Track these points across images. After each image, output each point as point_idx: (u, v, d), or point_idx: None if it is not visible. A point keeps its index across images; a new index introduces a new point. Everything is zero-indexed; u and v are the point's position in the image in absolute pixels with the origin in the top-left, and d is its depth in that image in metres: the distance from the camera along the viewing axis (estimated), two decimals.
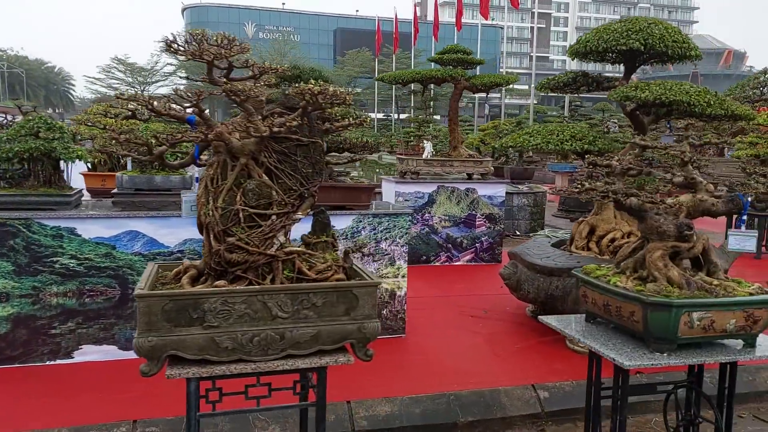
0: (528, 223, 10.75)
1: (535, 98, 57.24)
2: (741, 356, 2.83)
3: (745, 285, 2.96)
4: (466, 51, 7.86)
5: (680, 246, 2.92)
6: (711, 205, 3.02)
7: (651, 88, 4.58)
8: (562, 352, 4.94)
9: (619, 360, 2.71)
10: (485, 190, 8.11)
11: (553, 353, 4.91)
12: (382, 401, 4.03)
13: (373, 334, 2.38)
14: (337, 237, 2.73)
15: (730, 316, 2.79)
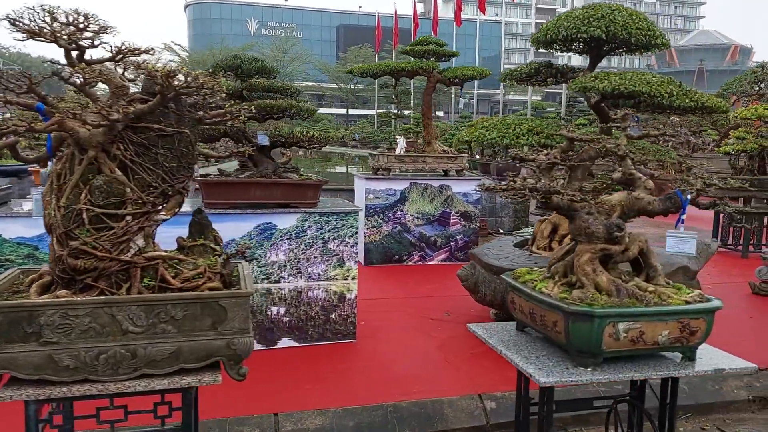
0: (512, 221, 10.46)
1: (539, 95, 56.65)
2: (675, 371, 2.55)
3: (685, 292, 2.68)
4: (438, 43, 7.57)
5: (610, 248, 2.64)
6: (647, 204, 2.74)
7: (610, 79, 4.30)
8: None
9: (535, 376, 2.43)
10: (460, 187, 7.83)
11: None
12: (313, 413, 3.77)
13: (245, 351, 2.11)
14: (221, 239, 2.46)
15: (662, 327, 2.51)
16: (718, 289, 6.88)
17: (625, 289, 2.57)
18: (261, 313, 4.67)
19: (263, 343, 4.71)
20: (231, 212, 4.51)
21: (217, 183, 4.51)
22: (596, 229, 2.64)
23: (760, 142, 8.33)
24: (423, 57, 7.47)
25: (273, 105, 4.46)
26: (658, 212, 2.75)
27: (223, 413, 3.74)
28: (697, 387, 4.39)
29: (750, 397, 4.40)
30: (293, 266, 4.70)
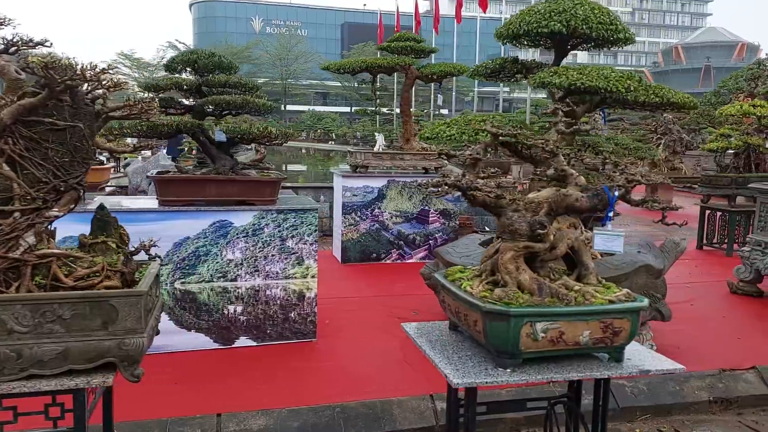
0: None
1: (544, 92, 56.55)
2: (598, 372, 2.48)
3: (612, 291, 2.61)
4: (416, 39, 7.50)
5: (534, 246, 2.57)
6: (575, 201, 2.67)
7: (568, 74, 4.22)
8: None
9: (450, 377, 2.37)
10: None
11: None
12: (258, 414, 3.72)
13: (138, 351, 2.06)
14: (128, 237, 2.41)
15: (583, 327, 2.44)
16: (696, 288, 6.79)
17: (548, 287, 2.50)
18: (217, 312, 4.63)
19: (220, 342, 4.66)
20: (185, 210, 4.46)
21: (170, 180, 4.46)
22: (519, 226, 2.57)
23: (745, 139, 8.22)
24: (401, 53, 7.41)
25: (228, 101, 4.41)
26: (586, 209, 2.67)
27: (168, 413, 3.69)
28: (657, 387, 4.31)
29: (711, 398, 4.32)
30: (250, 264, 4.65)
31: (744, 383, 4.45)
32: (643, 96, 4.72)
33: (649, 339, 4.77)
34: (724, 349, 4.91)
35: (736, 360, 4.69)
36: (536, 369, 2.45)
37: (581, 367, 2.49)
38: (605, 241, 2.69)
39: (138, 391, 3.97)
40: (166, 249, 4.48)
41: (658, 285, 4.71)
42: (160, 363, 4.38)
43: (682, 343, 5.04)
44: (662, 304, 4.60)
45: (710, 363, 4.63)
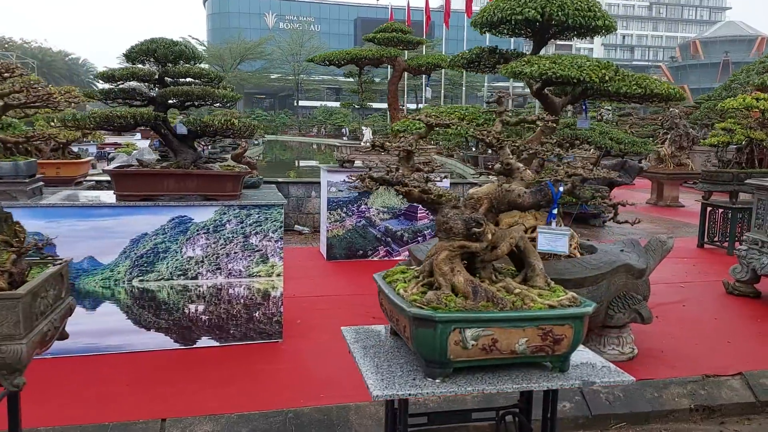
0: None
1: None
2: (536, 384, 2.26)
3: (556, 295, 2.40)
4: (403, 29, 7.28)
5: (470, 246, 2.36)
6: (517, 197, 2.46)
7: (540, 63, 4.00)
8: None
9: (371, 388, 2.17)
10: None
11: None
12: (205, 419, 3.54)
13: (15, 359, 1.89)
14: (24, 233, 2.24)
15: (519, 335, 2.23)
16: (691, 288, 6.52)
17: (484, 290, 2.29)
18: (178, 311, 4.47)
19: (181, 343, 4.50)
20: (142, 205, 4.30)
21: (126, 174, 4.30)
22: (454, 224, 2.37)
23: (747, 133, 7.91)
24: (388, 44, 7.20)
25: (187, 92, 4.24)
26: (529, 205, 2.46)
27: (115, 416, 3.54)
28: (634, 394, 4.08)
29: (692, 406, 4.08)
30: (212, 262, 4.48)
31: (728, 390, 4.21)
32: (624, 87, 4.48)
33: (629, 342, 4.54)
34: (712, 354, 4.66)
35: (723, 365, 4.45)
36: (468, 380, 2.25)
37: (519, 377, 2.29)
38: (550, 241, 2.47)
39: (87, 393, 3.84)
40: (122, 245, 4.33)
41: (639, 286, 4.47)
42: (115, 363, 4.24)
43: (667, 346, 4.80)
44: (643, 306, 4.36)
45: (695, 368, 4.39)
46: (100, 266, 4.32)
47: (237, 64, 60.96)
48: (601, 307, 4.26)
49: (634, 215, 11.86)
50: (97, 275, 4.32)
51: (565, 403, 3.94)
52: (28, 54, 66.07)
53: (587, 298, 4.15)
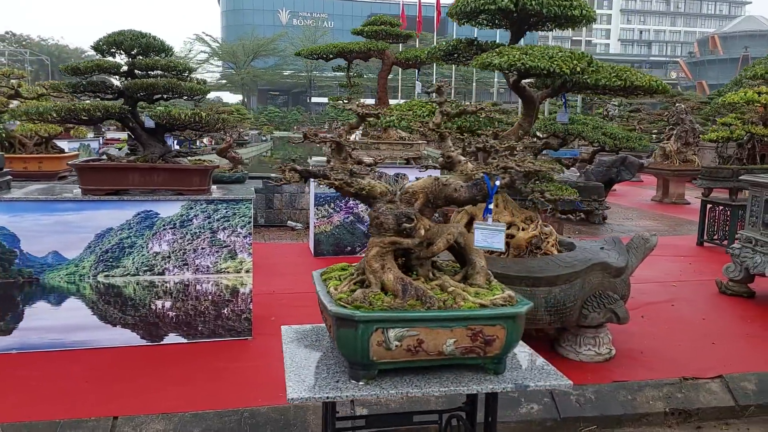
0: None
1: None
2: (464, 387, 2.15)
3: (491, 294, 2.28)
4: (391, 23, 7.16)
5: (401, 242, 2.26)
6: (453, 191, 2.34)
7: (511, 54, 3.87)
8: None
9: (288, 390, 2.08)
10: (417, 175, 7.41)
11: None
12: (158, 417, 3.47)
13: None
14: None
15: (447, 335, 2.12)
16: (683, 287, 6.35)
17: (414, 289, 2.18)
18: (144, 307, 4.40)
19: (148, 339, 4.44)
20: (107, 199, 4.24)
21: (91, 168, 4.24)
22: (386, 219, 2.26)
23: (748, 128, 7.69)
24: (376, 38, 7.08)
25: (152, 84, 4.16)
26: (465, 200, 2.35)
27: (70, 413, 3.48)
28: (607, 397, 3.95)
29: (667, 410, 3.93)
30: (179, 257, 4.41)
31: (707, 393, 4.06)
32: (604, 79, 4.33)
33: (606, 343, 4.40)
34: (693, 356, 4.51)
35: (703, 367, 4.29)
36: (394, 382, 2.14)
37: (449, 380, 2.17)
38: (487, 237, 2.36)
39: (44, 389, 3.78)
40: (87, 240, 4.27)
41: (617, 285, 4.33)
42: (78, 359, 4.18)
43: (648, 347, 4.65)
44: (619, 306, 4.21)
45: (674, 370, 4.24)
46: (64, 261, 4.27)
47: (250, 60, 61.15)
48: (575, 306, 4.13)
49: (636, 212, 11.65)
50: (62, 270, 4.27)
51: (533, 405, 3.82)
52: (44, 51, 66.69)
53: (560, 297, 4.06)
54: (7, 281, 4.19)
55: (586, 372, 4.18)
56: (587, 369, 4.23)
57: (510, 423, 3.73)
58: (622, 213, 11.87)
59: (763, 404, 4.04)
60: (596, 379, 4.09)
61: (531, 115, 4.65)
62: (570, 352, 4.40)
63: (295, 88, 67.78)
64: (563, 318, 4.12)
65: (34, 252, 4.21)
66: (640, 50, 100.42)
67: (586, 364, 4.29)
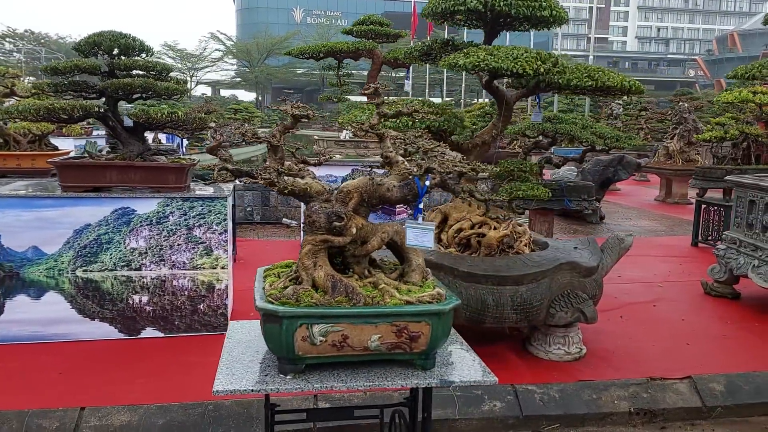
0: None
1: None
2: (389, 382, 2.20)
3: (421, 291, 2.33)
4: (380, 22, 7.21)
5: (332, 240, 2.31)
6: (386, 190, 2.39)
7: (476, 54, 3.91)
8: None
9: (217, 382, 2.15)
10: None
11: None
12: (123, 409, 3.56)
13: None
14: None
15: (371, 331, 2.17)
16: (668, 288, 6.34)
17: (343, 286, 2.24)
18: (122, 301, 4.50)
19: (125, 333, 4.54)
20: (85, 196, 4.34)
21: (70, 165, 4.34)
22: (317, 218, 2.31)
23: (742, 128, 7.64)
24: (366, 37, 7.13)
25: (128, 83, 4.25)
26: (397, 200, 2.40)
27: (39, 404, 3.58)
28: (571, 395, 3.98)
29: (632, 410, 3.95)
30: (155, 253, 4.50)
31: (673, 394, 4.07)
32: (575, 79, 4.34)
33: (576, 342, 4.42)
34: (665, 356, 4.52)
35: (673, 368, 4.30)
36: (321, 376, 2.20)
37: (375, 375, 2.23)
38: (417, 236, 2.40)
39: (17, 380, 3.89)
40: (66, 236, 4.37)
41: (587, 285, 4.35)
42: (56, 352, 4.29)
43: (620, 347, 4.66)
44: (587, 305, 4.23)
45: (642, 370, 4.26)
46: (44, 256, 4.37)
47: (264, 59, 61.40)
48: (542, 306, 4.15)
49: (636, 212, 11.55)
50: (42, 265, 4.38)
51: (496, 403, 3.86)
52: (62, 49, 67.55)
53: (527, 296, 4.10)
54: None
55: (554, 371, 4.21)
56: (555, 368, 4.26)
57: (472, 420, 3.78)
58: (623, 212, 11.83)
59: (730, 405, 4.05)
60: (563, 378, 4.12)
61: (504, 115, 4.68)
62: (540, 351, 4.43)
63: (308, 86, 67.96)
64: (530, 317, 4.15)
65: (14, 247, 4.32)
66: (658, 48, 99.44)
67: (555, 363, 4.32)
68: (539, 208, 7.32)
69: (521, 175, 4.87)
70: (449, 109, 4.56)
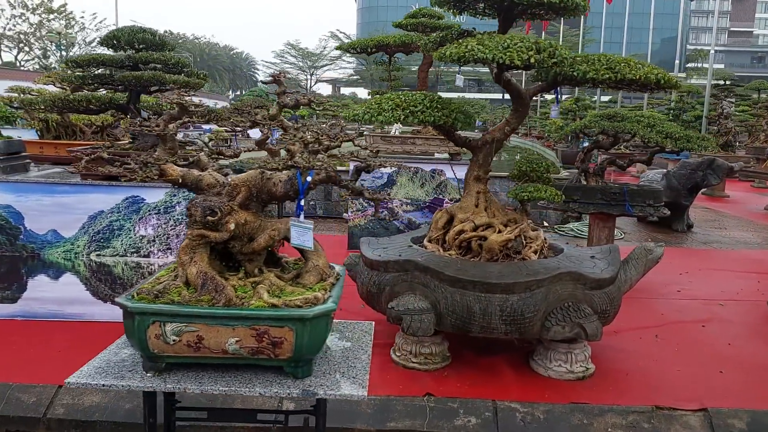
0: (561, 214, 9.48)
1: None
2: (245, 389, 2.08)
3: (304, 293, 2.18)
4: (431, 14, 6.96)
5: (208, 235, 2.22)
6: (273, 185, 2.27)
7: (466, 44, 3.66)
8: (388, 362, 4.17)
9: (74, 374, 2.14)
10: (455, 172, 7.21)
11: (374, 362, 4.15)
12: (97, 391, 3.68)
13: None
14: None
15: (229, 334, 2.07)
16: (733, 308, 5.64)
17: (214, 284, 2.15)
18: (132, 287, 4.66)
19: None
20: (99, 184, 4.55)
21: (88, 155, 4.56)
22: (195, 211, 2.24)
23: None
24: (417, 30, 6.93)
25: (137, 77, 4.40)
26: (282, 195, 2.27)
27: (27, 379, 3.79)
28: (559, 419, 3.62)
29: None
30: (162, 241, 4.63)
31: (681, 427, 3.59)
32: (591, 72, 3.93)
33: (582, 360, 4.03)
34: (689, 383, 4.00)
35: (692, 397, 3.81)
36: (179, 377, 2.14)
37: (235, 380, 2.12)
38: (300, 235, 2.24)
39: (18, 354, 4.14)
40: (82, 221, 4.61)
41: (594, 297, 3.94)
42: (65, 330, 4.52)
43: (639, 368, 4.20)
44: (589, 321, 3.83)
45: (652, 397, 3.80)
46: (62, 239, 4.64)
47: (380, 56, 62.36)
48: (535, 317, 3.82)
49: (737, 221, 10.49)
50: (60, 247, 4.64)
51: (471, 418, 3.60)
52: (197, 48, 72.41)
53: (518, 306, 3.80)
54: (14, 255, 4.63)
55: (548, 389, 3.86)
56: (552, 386, 3.90)
57: None
58: (721, 221, 10.75)
59: None
60: (556, 398, 3.77)
61: (519, 110, 4.35)
62: (540, 366, 4.09)
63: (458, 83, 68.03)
64: (522, 329, 3.83)
65: (36, 229, 4.61)
66: None
67: (553, 381, 3.97)
68: (598, 212, 6.78)
69: (538, 176, 4.50)
70: (455, 104, 4.30)
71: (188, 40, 73.53)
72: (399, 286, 4.08)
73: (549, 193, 4.22)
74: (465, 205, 4.44)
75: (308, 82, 69.61)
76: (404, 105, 4.08)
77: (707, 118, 16.47)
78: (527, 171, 4.50)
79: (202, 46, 74.73)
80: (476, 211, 4.39)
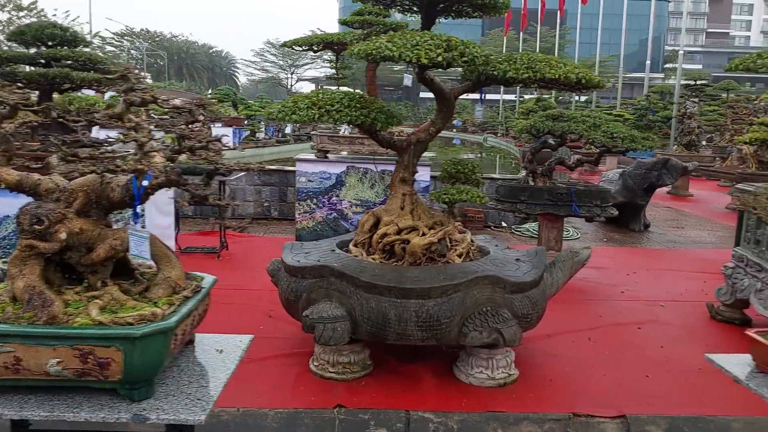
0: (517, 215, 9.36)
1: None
2: (71, 414, 1.90)
3: (142, 309, 2.01)
4: (377, 13, 6.80)
5: (37, 245, 2.04)
6: (111, 190, 2.09)
7: (378, 42, 3.51)
8: (306, 373, 4.01)
9: None
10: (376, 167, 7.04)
11: (291, 373, 4.01)
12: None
13: None
14: None
15: (49, 354, 1.89)
16: (671, 309, 5.55)
17: (41, 300, 1.97)
18: None
19: None
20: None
21: None
22: (23, 219, 2.05)
23: None
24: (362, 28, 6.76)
25: (43, 74, 4.19)
26: (119, 201, 2.09)
27: None
28: (472, 428, 3.49)
29: None
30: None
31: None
32: (512, 72, 3.79)
33: (504, 366, 3.89)
34: (612, 389, 3.88)
35: (613, 404, 3.68)
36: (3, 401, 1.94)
37: (64, 403, 1.94)
38: (137, 245, 2.07)
39: None
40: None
41: (514, 302, 3.81)
42: None
43: (564, 374, 4.07)
44: (507, 326, 3.69)
45: (572, 404, 3.67)
46: None
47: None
48: (452, 323, 3.67)
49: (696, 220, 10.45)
50: None
51: (382, 430, 3.45)
52: (174, 46, 71.65)
53: (434, 312, 3.64)
54: None
55: (466, 397, 3.72)
56: (471, 394, 3.76)
57: None
58: (680, 220, 10.72)
59: None
60: (473, 407, 3.62)
61: (444, 111, 4.21)
62: (461, 373, 3.95)
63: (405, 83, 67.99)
64: (438, 335, 3.68)
65: None
66: None
67: (473, 388, 3.83)
68: (545, 213, 6.67)
69: (466, 177, 4.37)
70: (377, 104, 4.14)
71: (165, 38, 72.80)
72: (315, 293, 3.92)
73: (471, 194, 4.08)
74: (390, 207, 4.30)
75: (289, 80, 69.27)
76: (320, 104, 3.92)
77: (675, 118, 16.47)
78: (453, 173, 4.36)
79: (179, 44, 73.99)
80: (401, 213, 4.25)
